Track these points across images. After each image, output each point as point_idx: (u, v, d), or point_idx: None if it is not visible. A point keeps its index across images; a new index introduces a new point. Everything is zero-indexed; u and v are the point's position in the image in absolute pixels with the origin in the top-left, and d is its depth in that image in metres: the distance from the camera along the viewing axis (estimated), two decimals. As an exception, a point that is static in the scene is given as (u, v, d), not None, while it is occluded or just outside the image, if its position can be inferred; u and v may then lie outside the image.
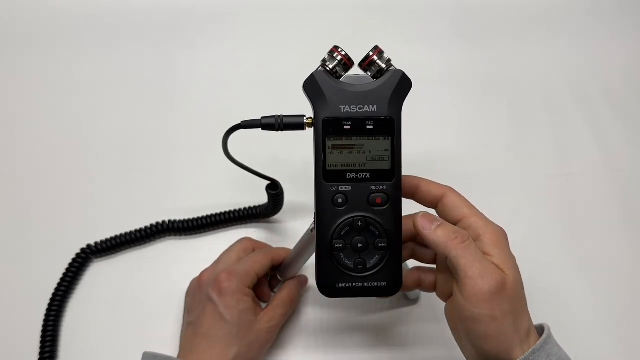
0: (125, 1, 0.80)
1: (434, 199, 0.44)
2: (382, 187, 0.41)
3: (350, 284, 0.42)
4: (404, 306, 0.58)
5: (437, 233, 0.40)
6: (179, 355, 0.49)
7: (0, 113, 0.70)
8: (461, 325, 0.40)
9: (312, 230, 0.47)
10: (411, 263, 0.48)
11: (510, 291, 0.38)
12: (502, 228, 0.42)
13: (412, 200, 0.45)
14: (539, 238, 0.63)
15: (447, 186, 0.44)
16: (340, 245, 0.41)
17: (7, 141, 0.68)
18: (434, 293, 0.46)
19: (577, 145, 0.70)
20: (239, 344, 0.48)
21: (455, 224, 0.42)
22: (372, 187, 0.41)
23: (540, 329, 0.41)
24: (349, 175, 0.41)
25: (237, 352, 0.47)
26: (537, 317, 0.41)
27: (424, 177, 0.44)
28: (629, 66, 0.78)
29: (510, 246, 0.42)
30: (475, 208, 0.43)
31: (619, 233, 0.64)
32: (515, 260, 0.41)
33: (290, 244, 0.54)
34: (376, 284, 0.42)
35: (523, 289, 0.40)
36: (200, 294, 0.51)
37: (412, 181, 0.44)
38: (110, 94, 0.72)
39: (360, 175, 0.41)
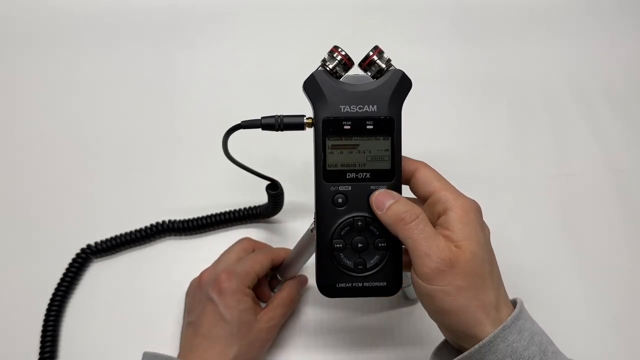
0: (125, 1, 0.80)
1: (407, 174, 0.43)
2: (382, 187, 0.41)
3: (350, 284, 0.42)
4: (404, 306, 0.58)
5: (387, 214, 0.40)
6: (179, 355, 0.49)
7: (1, 113, 0.70)
8: (422, 303, 0.40)
9: (312, 230, 0.47)
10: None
11: (464, 266, 0.37)
12: (473, 201, 0.41)
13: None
14: (538, 238, 0.63)
15: (420, 161, 0.43)
16: (340, 245, 0.41)
17: (8, 141, 0.68)
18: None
19: (577, 145, 0.70)
20: (239, 344, 0.48)
21: (426, 198, 0.42)
22: (372, 187, 0.41)
23: (515, 304, 0.40)
24: (349, 175, 0.41)
25: (238, 352, 0.48)
26: (536, 317, 0.41)
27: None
28: (629, 66, 0.78)
29: (510, 246, 0.42)
30: (447, 181, 0.42)
31: (619, 233, 0.64)
32: (484, 234, 0.40)
33: (290, 244, 0.54)
34: (376, 283, 0.42)
35: (489, 262, 0.39)
36: (200, 294, 0.51)
37: None
38: (111, 94, 0.72)
39: (360, 175, 0.41)
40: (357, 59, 0.41)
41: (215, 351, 0.47)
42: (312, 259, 0.46)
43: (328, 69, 0.41)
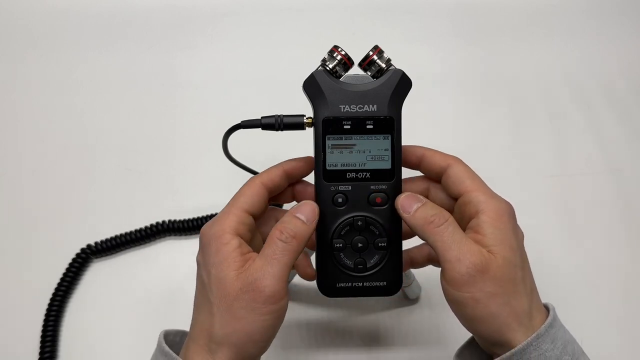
0: (125, 1, 0.80)
1: (439, 170, 0.42)
2: (382, 187, 0.41)
3: (350, 284, 0.42)
4: (404, 306, 0.58)
5: (415, 216, 0.38)
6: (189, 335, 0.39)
7: (1, 113, 0.70)
8: (452, 309, 0.38)
9: (312, 230, 0.47)
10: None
11: (496, 272, 0.36)
12: (507, 203, 0.40)
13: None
14: (538, 238, 0.63)
15: (453, 156, 0.42)
16: (341, 245, 0.41)
17: (8, 141, 0.68)
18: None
19: (577, 145, 0.70)
20: (218, 312, 0.36)
21: (457, 198, 0.41)
22: (372, 187, 0.41)
23: (547, 309, 0.39)
24: (349, 175, 0.41)
25: (219, 324, 0.36)
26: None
27: (429, 147, 0.42)
28: (629, 66, 0.78)
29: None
30: (480, 180, 0.41)
31: (619, 233, 0.64)
32: (517, 238, 0.39)
33: (290, 243, 0.54)
34: (376, 283, 0.42)
35: (521, 268, 0.38)
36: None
37: (416, 151, 0.42)
38: (111, 94, 0.72)
39: (360, 175, 0.41)
40: (357, 58, 0.41)
41: (197, 328, 0.38)
42: (312, 259, 0.46)
43: (328, 68, 0.41)
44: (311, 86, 0.41)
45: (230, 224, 0.38)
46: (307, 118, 0.42)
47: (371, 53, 0.41)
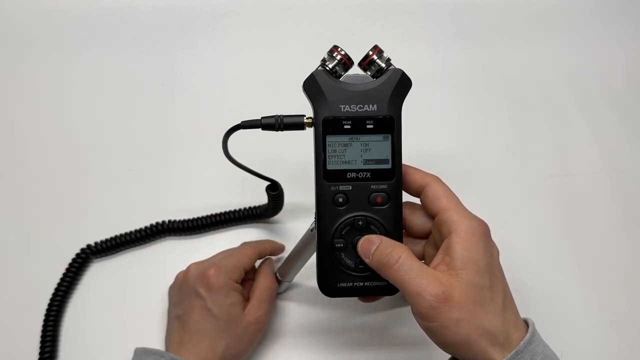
0: (125, 1, 0.80)
1: (418, 187, 0.43)
2: (382, 187, 0.41)
3: (351, 284, 0.42)
4: (404, 306, 0.58)
5: (373, 261, 0.40)
6: (168, 349, 0.50)
7: (1, 113, 0.70)
8: (427, 335, 0.39)
9: (312, 230, 0.47)
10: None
11: (460, 297, 0.36)
12: (480, 221, 0.40)
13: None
14: (538, 238, 0.63)
15: (431, 175, 0.43)
16: (341, 245, 0.41)
17: (8, 141, 0.68)
18: None
19: (577, 145, 0.70)
20: (227, 338, 0.49)
21: (434, 216, 0.41)
22: (372, 187, 0.41)
23: (526, 324, 0.40)
24: (349, 175, 0.41)
25: (227, 345, 0.49)
26: (536, 318, 0.41)
27: (411, 165, 0.43)
28: (630, 66, 0.78)
29: (510, 247, 0.42)
30: (455, 199, 0.41)
31: (619, 233, 0.64)
32: (486, 258, 0.39)
33: (290, 244, 0.54)
34: (377, 283, 0.42)
35: (489, 289, 0.38)
36: (187, 288, 0.52)
37: None
38: (111, 94, 0.72)
39: (360, 175, 0.41)
40: (356, 58, 0.41)
41: (204, 345, 0.48)
42: (313, 259, 0.46)
43: (328, 68, 0.41)
44: (311, 86, 0.41)
45: (233, 277, 0.52)
46: (307, 118, 0.42)
47: (371, 53, 0.41)
